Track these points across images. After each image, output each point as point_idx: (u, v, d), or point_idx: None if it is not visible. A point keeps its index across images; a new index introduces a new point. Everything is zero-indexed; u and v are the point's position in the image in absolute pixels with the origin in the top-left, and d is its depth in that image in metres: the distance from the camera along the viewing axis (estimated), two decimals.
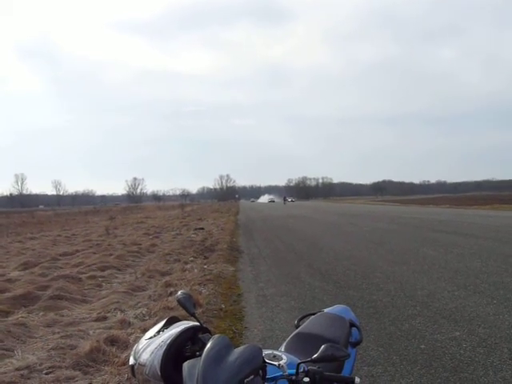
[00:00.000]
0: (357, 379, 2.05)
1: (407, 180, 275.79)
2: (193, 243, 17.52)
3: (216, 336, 2.03)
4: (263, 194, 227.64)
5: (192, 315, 2.40)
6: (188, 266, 11.84)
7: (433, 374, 4.98)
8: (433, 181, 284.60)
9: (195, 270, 11.27)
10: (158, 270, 11.42)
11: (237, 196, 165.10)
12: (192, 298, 2.48)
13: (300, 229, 26.44)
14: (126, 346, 5.80)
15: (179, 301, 2.42)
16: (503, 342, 5.87)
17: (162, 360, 2.12)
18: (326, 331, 2.79)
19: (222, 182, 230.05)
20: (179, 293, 2.47)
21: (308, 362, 2.06)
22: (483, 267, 11.24)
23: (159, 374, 2.11)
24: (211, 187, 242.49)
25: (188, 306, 2.40)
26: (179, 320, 2.40)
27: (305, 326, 2.94)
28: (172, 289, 8.99)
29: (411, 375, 4.98)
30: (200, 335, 2.30)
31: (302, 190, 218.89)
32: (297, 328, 2.96)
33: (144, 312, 7.39)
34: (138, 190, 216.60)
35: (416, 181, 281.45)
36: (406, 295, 8.62)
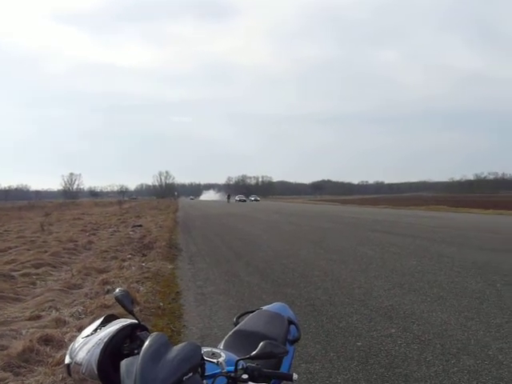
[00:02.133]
0: (295, 375, 2.06)
1: (346, 180, 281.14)
2: (131, 240, 17.24)
3: (154, 334, 2.00)
4: (203, 191, 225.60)
5: (130, 313, 2.34)
6: (126, 264, 11.63)
7: (369, 370, 5.07)
8: (371, 181, 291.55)
9: (133, 268, 11.09)
10: (94, 267, 11.15)
11: (176, 193, 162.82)
12: (130, 295, 2.42)
13: (239, 227, 26.46)
14: (61, 345, 5.62)
15: (117, 298, 2.35)
16: (436, 338, 6.05)
17: (99, 358, 2.05)
18: (264, 328, 2.79)
19: (161, 179, 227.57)
20: (117, 290, 2.41)
21: (247, 358, 2.05)
22: (418, 266, 11.57)
23: (96, 372, 2.04)
24: (150, 184, 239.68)
25: (126, 303, 2.33)
26: (117, 318, 2.34)
27: (244, 323, 2.94)
28: (109, 286, 8.81)
29: (348, 371, 5.05)
30: (138, 333, 2.25)
31: (241, 189, 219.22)
32: (236, 325, 2.94)
33: (80, 310, 7.19)
34: (75, 186, 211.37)
35: (355, 181, 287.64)
36: (344, 293, 8.75)
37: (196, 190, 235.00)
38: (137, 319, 2.32)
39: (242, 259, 13.46)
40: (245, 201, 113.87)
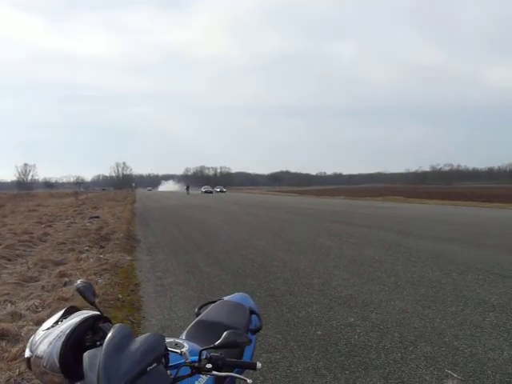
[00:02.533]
0: (258, 364, 2.05)
1: (304, 171, 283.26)
2: (88, 232, 16.96)
3: (117, 325, 1.96)
4: (162, 181, 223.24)
5: (92, 304, 2.29)
6: (83, 256, 11.43)
7: (329, 359, 5.12)
8: (329, 172, 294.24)
9: (91, 260, 10.91)
10: (51, 259, 10.92)
11: (133, 184, 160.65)
12: (92, 286, 2.37)
13: (198, 218, 26.36)
14: (17, 339, 5.48)
15: (79, 289, 2.30)
16: (394, 327, 6.15)
17: (60, 351, 2.01)
18: (226, 318, 2.78)
19: (118, 170, 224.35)
20: (78, 282, 2.35)
21: (210, 348, 2.04)
22: (376, 256, 11.74)
23: (58, 365, 2.00)
24: (107, 175, 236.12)
25: (88, 294, 2.28)
26: (78, 310, 2.29)
27: (205, 313, 2.92)
28: (67, 279, 8.66)
29: (308, 360, 5.09)
30: (100, 325, 2.21)
31: (200, 179, 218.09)
32: (197, 316, 2.93)
33: (37, 303, 7.02)
34: (29, 177, 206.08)
35: (313, 172, 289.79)
36: (303, 283, 8.81)
37: (154, 181, 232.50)
38: (99, 311, 2.28)
39: (201, 250, 13.40)
40: (211, 192, 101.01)
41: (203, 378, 2.18)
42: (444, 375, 4.61)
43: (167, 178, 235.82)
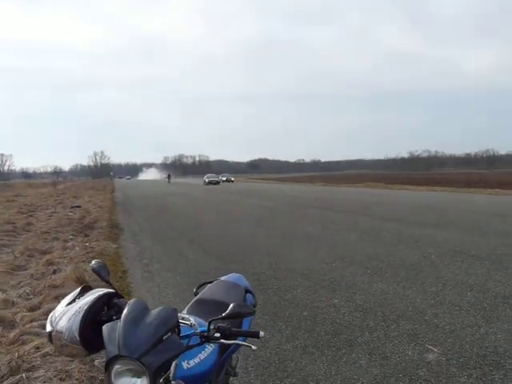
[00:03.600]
0: (261, 333, 2.27)
1: (283, 159, 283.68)
2: (71, 221, 16.99)
3: (133, 300, 2.17)
4: (143, 169, 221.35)
5: (107, 282, 2.50)
6: (69, 244, 11.52)
7: (316, 338, 5.34)
8: (307, 160, 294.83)
9: (77, 248, 11.00)
10: (37, 248, 10.98)
11: (112, 173, 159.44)
12: (106, 266, 2.57)
13: (180, 206, 26.48)
14: (13, 325, 5.62)
15: (94, 269, 2.52)
16: (377, 307, 6.39)
17: (80, 325, 2.21)
18: (223, 297, 2.97)
19: (96, 159, 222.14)
20: (93, 262, 2.58)
21: (218, 319, 2.25)
22: (358, 241, 12.02)
23: (78, 338, 2.20)
24: (85, 164, 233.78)
25: (103, 273, 2.50)
26: (91, 288, 2.47)
27: (204, 292, 3.12)
28: (55, 267, 8.77)
29: (296, 339, 5.30)
30: (115, 300, 2.40)
31: (179, 168, 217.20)
32: (196, 295, 3.12)
33: (28, 291, 7.11)
34: (6, 167, 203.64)
35: (291, 159, 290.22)
36: (287, 268, 9.01)
37: (133, 169, 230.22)
38: (114, 288, 2.47)
39: (185, 238, 13.56)
40: (218, 182, 76.33)
41: (209, 346, 2.40)
42: (425, 350, 4.86)
43: (146, 166, 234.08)
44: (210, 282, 3.30)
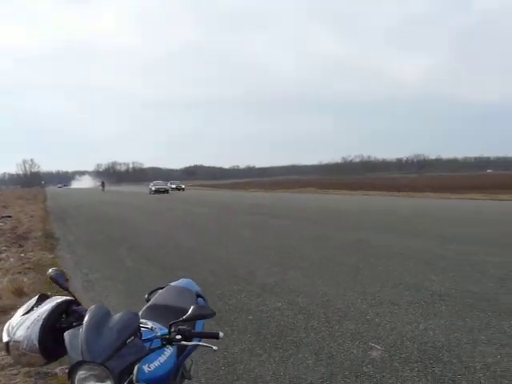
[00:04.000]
0: (221, 334, 2.31)
1: (217, 165, 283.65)
2: (3, 232, 16.42)
3: (94, 306, 2.17)
4: (77, 176, 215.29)
5: (66, 290, 2.47)
6: (3, 256, 11.15)
7: (262, 340, 5.42)
8: (242, 166, 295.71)
9: (11, 259, 10.66)
10: None
11: (43, 182, 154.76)
12: (64, 274, 2.55)
13: (116, 214, 26.06)
14: None
15: (52, 277, 2.49)
16: (319, 308, 6.54)
17: (39, 333, 2.19)
18: (176, 302, 3.00)
19: (25, 167, 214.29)
20: (50, 270, 2.55)
21: (179, 322, 2.27)
22: (297, 246, 12.21)
23: (37, 346, 2.18)
24: (13, 173, 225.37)
25: (61, 281, 2.48)
26: (48, 297, 2.45)
27: (156, 298, 3.12)
28: None
29: (243, 342, 5.36)
30: (74, 308, 2.39)
31: (112, 176, 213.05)
32: (147, 301, 3.13)
33: None
34: None
35: (226, 166, 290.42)
36: (229, 274, 9.06)
37: (64, 178, 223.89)
38: (72, 296, 2.46)
39: (123, 246, 13.36)
40: (166, 191, 65.06)
41: (168, 350, 2.42)
42: (368, 347, 5.02)
43: (79, 174, 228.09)
44: (161, 288, 3.31)
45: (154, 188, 64.95)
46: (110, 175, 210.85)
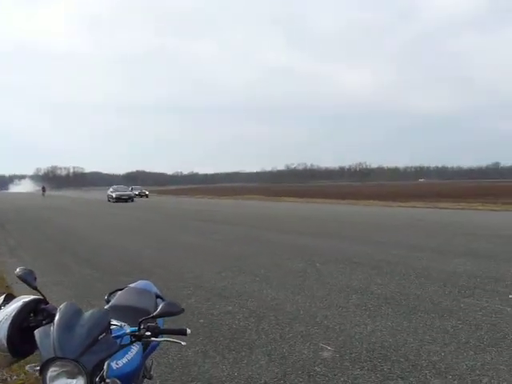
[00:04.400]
0: (188, 330, 2.37)
1: (160, 171, 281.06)
2: None
3: (65, 303, 2.17)
4: (15, 181, 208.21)
5: (35, 289, 2.46)
6: None
7: (215, 343, 5.46)
8: (185, 172, 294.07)
9: None
10: None
11: None
12: (33, 272, 2.53)
13: (58, 220, 25.48)
14: None
15: (20, 276, 2.46)
16: (269, 312, 6.64)
17: (8, 332, 2.18)
18: (136, 302, 3.02)
19: None
20: (18, 269, 2.51)
21: (148, 319, 2.32)
22: (243, 251, 12.33)
23: (6, 345, 2.17)
24: None
25: (29, 280, 2.46)
26: (14, 297, 2.44)
27: (116, 299, 3.14)
28: None
29: (196, 345, 5.38)
30: (43, 306, 2.39)
31: (52, 180, 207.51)
32: (107, 302, 3.14)
33: None
34: None
35: (169, 172, 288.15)
36: (177, 278, 9.06)
37: (1, 181, 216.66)
38: (41, 294, 2.45)
39: (67, 251, 13.15)
40: (130, 199, 52.47)
41: (135, 347, 2.45)
42: (319, 348, 5.16)
43: (18, 178, 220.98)
44: (121, 289, 3.33)
45: (114, 195, 52.09)
46: (51, 180, 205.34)
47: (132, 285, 3.40)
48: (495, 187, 67.43)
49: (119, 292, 3.28)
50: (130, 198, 52.11)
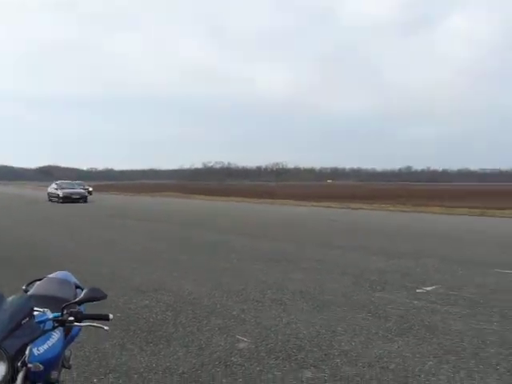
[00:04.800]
0: (110, 315, 2.42)
1: (75, 166, 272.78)
2: None
3: None
4: None
5: None
6: None
7: (132, 336, 5.45)
8: (100, 168, 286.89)
9: None
10: None
11: None
12: None
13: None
14: None
15: None
16: (187, 306, 6.71)
17: None
18: (58, 292, 3.02)
19: None
20: None
21: (72, 304, 2.35)
22: (169, 248, 12.38)
23: None
24: None
25: None
26: None
27: (35, 289, 3.12)
28: None
29: (114, 338, 5.32)
30: None
31: None
32: (26, 292, 3.12)
33: None
34: None
35: (83, 167, 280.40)
36: (92, 273, 8.89)
37: None
38: None
39: None
40: (82, 199, 41.36)
41: (55, 334, 2.46)
42: (236, 340, 5.28)
43: None
44: (39, 280, 3.31)
45: (61, 193, 41.30)
46: None
47: (51, 275, 3.37)
48: (406, 189, 70.48)
49: (38, 282, 3.25)
50: (82, 198, 40.87)
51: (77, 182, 57.37)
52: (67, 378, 4.06)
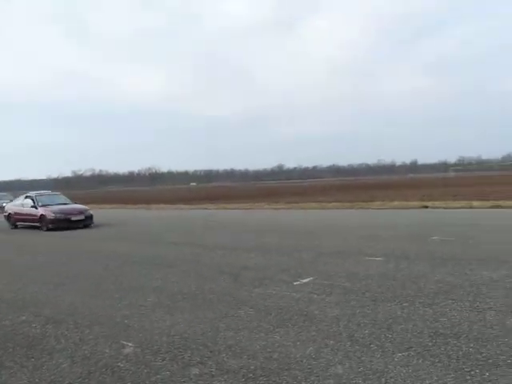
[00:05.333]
0: None
1: None
2: None
3: None
4: None
5: None
6: None
7: (11, 353, 5.25)
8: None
9: None
10: None
11: None
12: None
13: None
14: None
15: None
16: (68, 317, 6.57)
17: None
18: None
19: None
20: None
21: None
22: (41, 259, 11.81)
23: None
24: None
25: None
26: None
27: None
28: None
29: None
30: None
31: None
32: None
33: None
34: None
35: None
36: None
37: None
38: None
39: None
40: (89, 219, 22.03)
41: None
42: (121, 346, 5.28)
43: None
44: None
45: (52, 215, 21.56)
46: None
47: None
48: (279, 188, 72.61)
49: None
50: (88, 218, 22.32)
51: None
52: None
